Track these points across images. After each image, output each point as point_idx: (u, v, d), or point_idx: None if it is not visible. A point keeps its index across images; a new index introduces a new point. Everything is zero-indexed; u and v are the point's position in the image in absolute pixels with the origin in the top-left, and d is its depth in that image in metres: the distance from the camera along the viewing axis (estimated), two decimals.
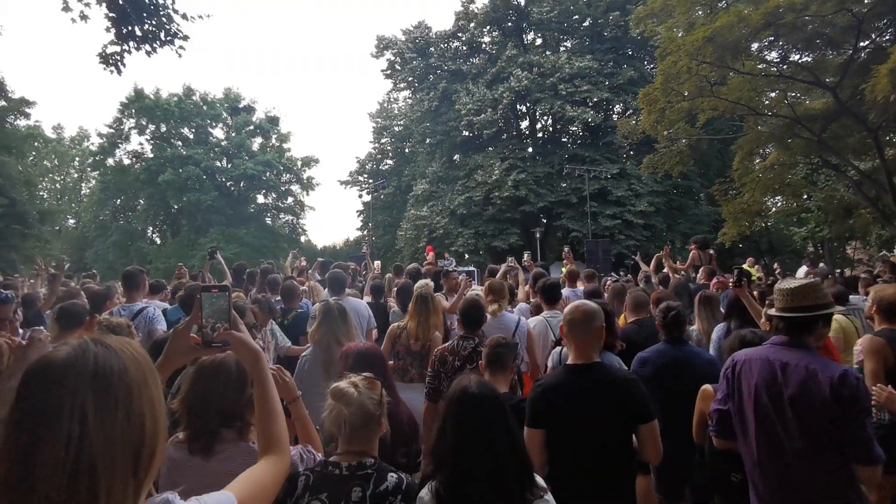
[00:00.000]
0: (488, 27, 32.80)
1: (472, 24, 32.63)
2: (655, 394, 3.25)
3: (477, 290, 5.57)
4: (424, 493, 1.88)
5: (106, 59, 7.84)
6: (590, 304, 2.68)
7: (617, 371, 2.58)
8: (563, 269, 9.08)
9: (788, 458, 2.23)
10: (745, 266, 14.17)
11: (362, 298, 5.92)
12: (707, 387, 2.91)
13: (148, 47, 8.08)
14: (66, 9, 7.50)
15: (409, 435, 2.60)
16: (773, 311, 2.46)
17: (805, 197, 23.23)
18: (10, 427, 0.84)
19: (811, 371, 2.21)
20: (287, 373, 2.05)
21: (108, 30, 7.80)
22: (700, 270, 7.03)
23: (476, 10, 32.24)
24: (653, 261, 8.15)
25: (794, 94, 15.84)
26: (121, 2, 7.70)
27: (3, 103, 27.37)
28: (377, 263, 9.77)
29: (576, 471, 2.43)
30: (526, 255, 8.95)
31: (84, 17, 7.61)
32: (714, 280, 5.98)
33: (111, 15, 7.72)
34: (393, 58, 34.99)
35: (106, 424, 0.85)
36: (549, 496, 1.91)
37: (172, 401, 2.02)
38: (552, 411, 2.46)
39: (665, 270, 7.69)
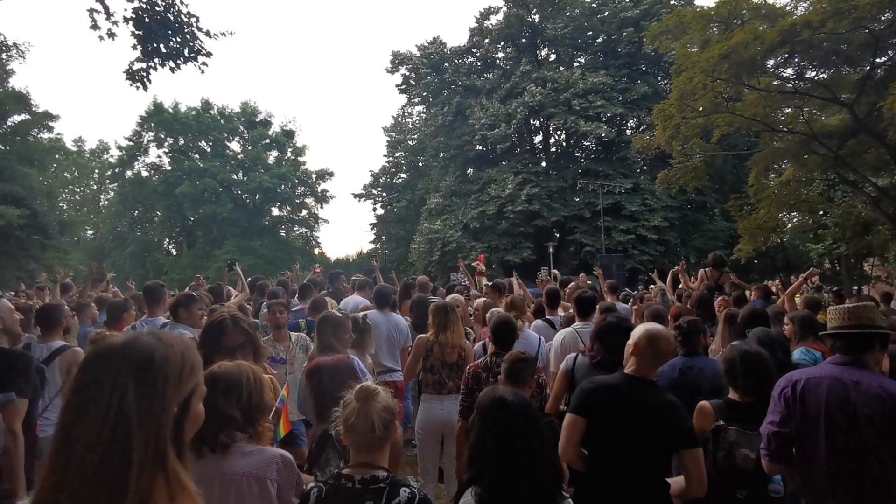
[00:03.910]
0: (503, 43, 33.10)
1: (486, 40, 32.98)
2: None
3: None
4: (467, 499, 1.98)
5: (132, 75, 8.00)
6: (667, 330, 2.67)
7: (670, 394, 2.56)
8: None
9: (867, 478, 2.15)
10: None
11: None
12: (704, 403, 2.83)
13: (172, 64, 8.23)
14: (95, 27, 7.69)
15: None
16: (829, 331, 2.43)
17: (822, 213, 22.99)
18: (69, 394, 1.02)
19: (887, 390, 2.15)
20: None
21: (134, 47, 7.98)
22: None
23: (491, 26, 32.59)
24: (669, 276, 8.10)
25: (810, 111, 15.75)
26: (147, 20, 7.90)
27: (28, 117, 28.03)
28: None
29: (609, 473, 2.41)
30: (543, 271, 8.93)
31: (112, 34, 7.77)
32: (719, 298, 5.88)
33: (137, 33, 7.90)
34: (408, 73, 35.38)
35: (142, 405, 0.98)
36: (570, 499, 2.05)
37: None
38: (600, 405, 2.43)
39: (681, 286, 7.65)
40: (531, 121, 31.42)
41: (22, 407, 2.71)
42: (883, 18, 12.55)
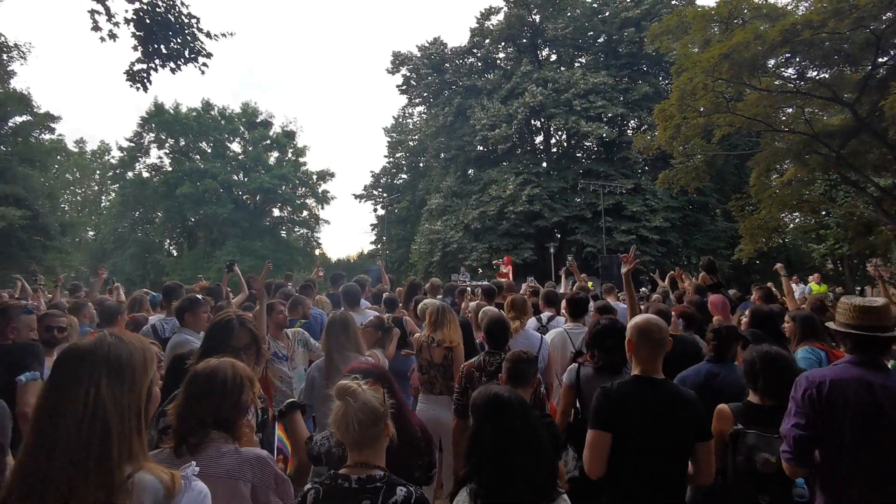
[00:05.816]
0: (503, 43, 33.12)
1: (487, 41, 32.98)
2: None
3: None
4: (462, 497, 1.98)
5: (133, 76, 7.98)
6: (660, 319, 2.60)
7: (682, 388, 2.53)
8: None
9: (889, 481, 2.15)
10: (813, 283, 13.86)
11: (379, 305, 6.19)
12: (723, 407, 2.76)
13: (173, 65, 8.22)
14: (96, 28, 7.68)
15: (424, 449, 2.55)
16: (839, 328, 2.37)
17: (823, 213, 22.96)
18: (45, 391, 1.26)
19: None
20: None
21: (135, 48, 7.97)
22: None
23: (491, 27, 32.59)
24: (667, 279, 8.14)
25: (811, 111, 15.73)
26: (148, 21, 7.89)
27: (29, 118, 28.08)
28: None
29: (634, 480, 2.39)
30: (530, 280, 8.89)
31: (113, 35, 7.75)
32: (713, 297, 5.87)
33: (138, 34, 7.89)
34: (408, 73, 35.38)
35: (115, 394, 1.24)
36: (565, 495, 2.06)
37: (168, 406, 2.05)
38: (622, 417, 2.40)
39: (681, 288, 7.65)
40: (532, 121, 31.42)
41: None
42: (884, 18, 12.53)
